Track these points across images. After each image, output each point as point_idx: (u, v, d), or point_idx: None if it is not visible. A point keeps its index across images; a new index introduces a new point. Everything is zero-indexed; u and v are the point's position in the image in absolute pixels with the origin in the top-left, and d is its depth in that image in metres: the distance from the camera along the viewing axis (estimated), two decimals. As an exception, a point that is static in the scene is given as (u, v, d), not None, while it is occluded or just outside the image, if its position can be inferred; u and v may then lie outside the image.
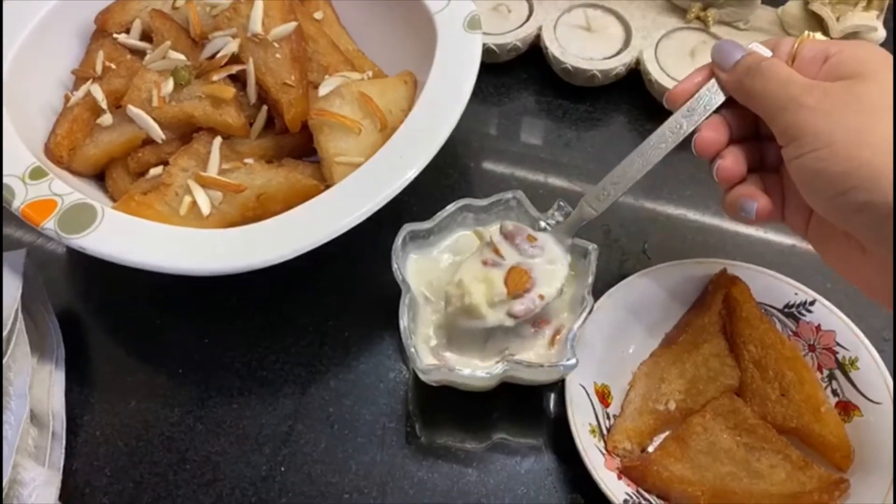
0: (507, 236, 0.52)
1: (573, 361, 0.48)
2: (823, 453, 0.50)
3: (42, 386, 0.55)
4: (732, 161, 0.47)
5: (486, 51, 0.70)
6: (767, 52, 0.46)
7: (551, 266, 0.52)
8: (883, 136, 0.39)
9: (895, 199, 0.38)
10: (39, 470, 0.51)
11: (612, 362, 0.54)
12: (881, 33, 0.65)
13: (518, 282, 0.50)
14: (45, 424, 0.53)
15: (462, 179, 0.67)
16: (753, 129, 0.49)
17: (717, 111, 0.48)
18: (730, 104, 0.48)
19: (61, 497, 0.52)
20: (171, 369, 0.58)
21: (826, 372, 0.53)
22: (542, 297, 0.50)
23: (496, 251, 0.51)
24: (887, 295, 0.42)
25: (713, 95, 0.48)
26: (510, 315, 0.50)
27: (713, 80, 0.48)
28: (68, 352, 0.57)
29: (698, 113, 0.48)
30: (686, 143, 0.68)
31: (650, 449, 0.51)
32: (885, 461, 0.48)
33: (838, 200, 0.40)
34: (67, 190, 0.53)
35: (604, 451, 0.50)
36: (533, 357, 0.51)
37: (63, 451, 0.53)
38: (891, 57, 0.42)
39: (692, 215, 0.64)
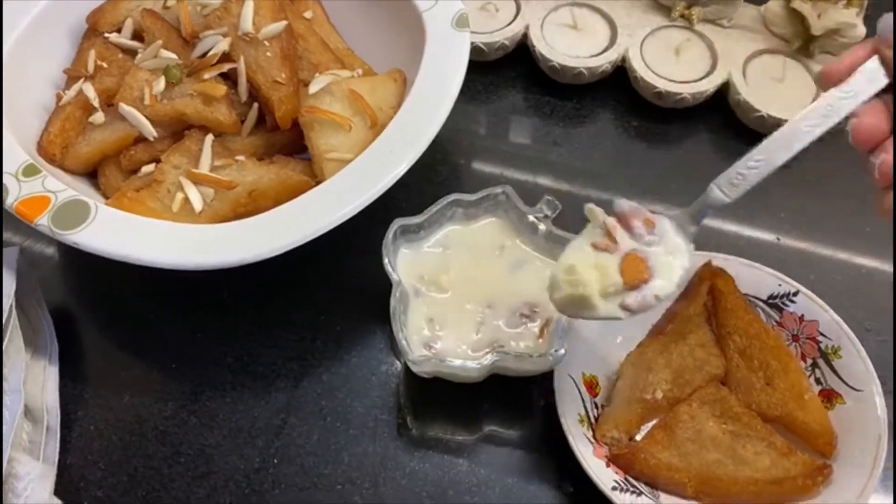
0: (622, 219, 0.48)
1: (562, 352, 0.49)
2: (807, 440, 0.51)
3: (36, 381, 0.55)
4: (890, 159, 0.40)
5: (475, 49, 0.71)
6: None
7: (670, 258, 0.47)
8: None
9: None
10: (34, 464, 0.51)
11: (600, 353, 0.55)
12: (861, 30, 0.67)
13: (635, 271, 0.46)
14: (40, 419, 0.54)
15: (451, 176, 0.68)
16: None
17: (877, 95, 0.42)
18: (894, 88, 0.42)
19: (56, 491, 0.52)
20: (165, 364, 0.58)
21: (809, 361, 0.54)
22: (657, 297, 0.46)
23: (609, 235, 0.47)
24: None
25: (876, 76, 0.42)
26: (623, 307, 0.46)
27: (876, 59, 0.42)
28: (62, 347, 0.58)
29: (856, 95, 0.42)
30: (669, 140, 0.70)
31: (638, 437, 0.52)
32: (867, 447, 0.49)
33: None
34: (61, 187, 0.54)
35: (592, 440, 0.51)
36: (522, 348, 0.52)
37: (57, 445, 0.54)
38: None
39: (678, 209, 0.65)
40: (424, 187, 0.65)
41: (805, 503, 0.48)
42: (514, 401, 0.56)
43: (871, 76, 0.42)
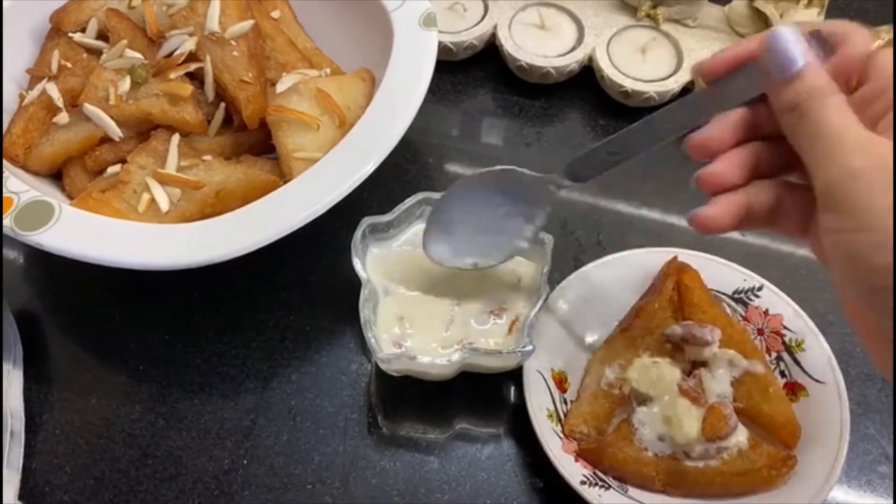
0: (687, 338, 0.52)
1: (530, 347, 0.49)
2: (772, 431, 0.51)
3: None
4: (724, 167, 0.39)
5: (443, 49, 0.71)
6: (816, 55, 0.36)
7: None
8: None
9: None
10: (-2, 469, 0.50)
11: (569, 348, 0.55)
12: (822, 29, 0.68)
13: (715, 427, 0.49)
14: (4, 424, 0.53)
15: (421, 175, 0.68)
16: None
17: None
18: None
19: (21, 496, 0.51)
20: (132, 366, 0.58)
21: (774, 354, 0.55)
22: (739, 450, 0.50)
23: (695, 389, 0.51)
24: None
25: (750, 84, 0.38)
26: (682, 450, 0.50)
27: (755, 66, 0.38)
28: (26, 351, 0.57)
29: (728, 100, 0.39)
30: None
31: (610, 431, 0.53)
32: (830, 437, 0.50)
33: (870, 295, 0.33)
34: (24, 187, 0.53)
35: (561, 435, 0.51)
36: (492, 345, 0.52)
37: (22, 449, 0.53)
38: None
39: (644, 208, 0.66)
40: (394, 186, 0.65)
41: (771, 492, 0.49)
42: (485, 398, 0.56)
43: (745, 84, 0.39)
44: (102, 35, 0.64)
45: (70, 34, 0.64)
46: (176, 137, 0.59)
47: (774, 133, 0.38)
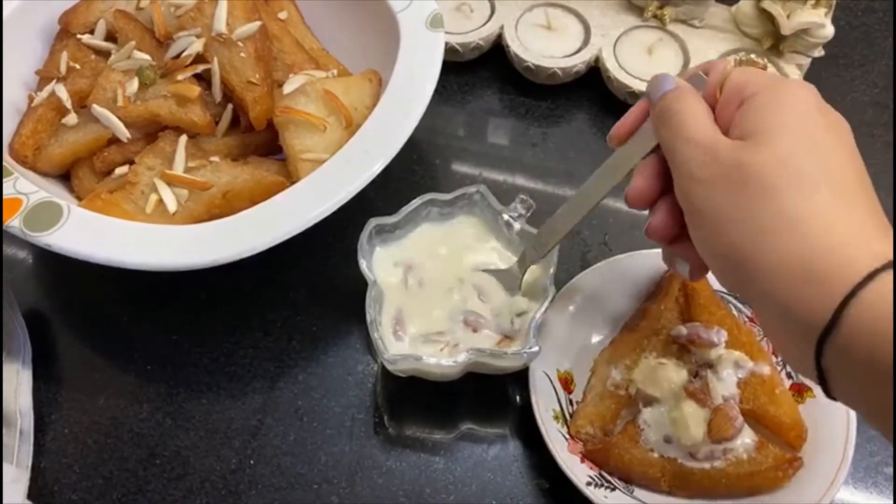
0: (691, 338, 0.52)
1: (536, 348, 0.49)
2: (778, 433, 0.51)
3: (9, 385, 0.55)
4: (661, 219, 0.43)
5: (450, 49, 0.71)
6: (697, 82, 0.42)
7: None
8: (758, 219, 0.36)
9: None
10: (7, 468, 0.51)
11: (575, 349, 0.55)
12: (829, 30, 0.67)
13: (721, 428, 0.49)
14: (13, 423, 0.53)
15: (427, 176, 0.68)
16: None
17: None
18: None
19: (30, 495, 0.52)
20: (140, 366, 0.58)
21: (780, 356, 0.55)
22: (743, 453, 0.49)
23: (702, 390, 0.50)
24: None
25: (651, 135, 0.44)
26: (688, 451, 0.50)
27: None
28: (35, 351, 0.57)
29: (634, 154, 0.45)
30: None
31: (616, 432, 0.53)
32: (836, 439, 0.50)
33: (722, 280, 0.40)
34: (33, 188, 0.54)
35: (567, 436, 0.51)
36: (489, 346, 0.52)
37: (31, 449, 0.53)
38: (809, 109, 0.38)
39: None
40: (400, 187, 0.65)
41: (776, 493, 0.49)
42: (490, 398, 0.56)
43: (648, 134, 0.44)
44: (111, 36, 0.65)
45: (79, 35, 0.64)
46: (183, 138, 0.59)
47: None
